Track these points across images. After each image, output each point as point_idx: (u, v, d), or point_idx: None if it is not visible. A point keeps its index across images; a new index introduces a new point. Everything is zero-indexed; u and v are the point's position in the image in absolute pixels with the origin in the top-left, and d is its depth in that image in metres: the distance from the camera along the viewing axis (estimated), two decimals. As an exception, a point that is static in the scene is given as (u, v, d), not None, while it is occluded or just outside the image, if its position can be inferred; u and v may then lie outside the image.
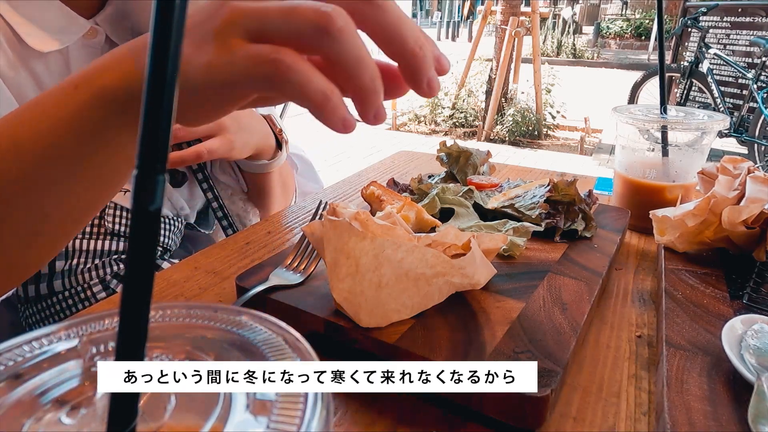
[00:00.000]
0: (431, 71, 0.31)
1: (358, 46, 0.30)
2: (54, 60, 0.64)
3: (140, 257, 0.17)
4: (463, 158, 0.75)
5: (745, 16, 4.52)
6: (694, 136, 0.72)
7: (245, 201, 0.82)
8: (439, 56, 0.32)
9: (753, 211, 0.53)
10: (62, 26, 0.62)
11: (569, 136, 5.20)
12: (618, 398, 0.41)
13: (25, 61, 0.61)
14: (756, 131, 3.97)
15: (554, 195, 0.63)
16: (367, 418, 0.38)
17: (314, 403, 0.19)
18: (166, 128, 0.17)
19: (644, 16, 13.99)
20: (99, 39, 0.67)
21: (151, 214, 0.17)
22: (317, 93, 0.30)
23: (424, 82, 0.31)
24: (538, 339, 0.41)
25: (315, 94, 0.30)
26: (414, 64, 0.31)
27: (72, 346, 0.22)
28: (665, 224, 0.58)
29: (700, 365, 0.40)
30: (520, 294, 0.48)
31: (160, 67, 0.17)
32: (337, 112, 0.30)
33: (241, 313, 0.24)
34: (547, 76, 5.37)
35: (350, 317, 0.42)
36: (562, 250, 0.57)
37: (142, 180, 0.17)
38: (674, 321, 0.45)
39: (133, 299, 0.17)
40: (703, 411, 0.35)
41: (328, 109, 0.30)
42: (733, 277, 0.53)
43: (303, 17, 0.29)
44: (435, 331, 0.42)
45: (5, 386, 0.20)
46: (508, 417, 0.36)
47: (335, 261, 0.42)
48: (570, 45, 11.33)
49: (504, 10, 5.10)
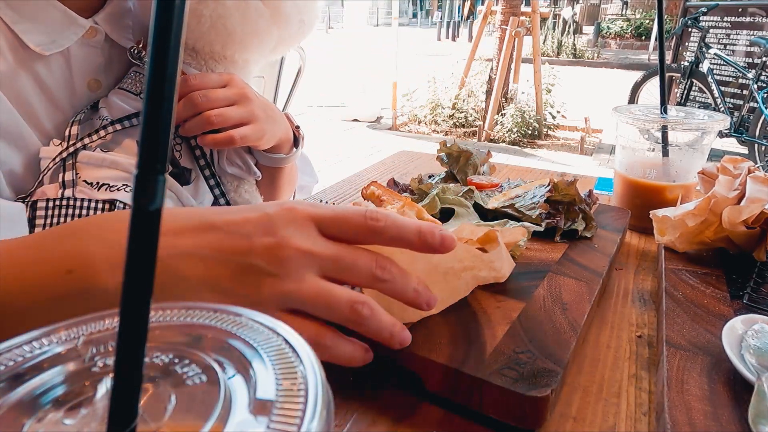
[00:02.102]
0: (426, 301, 0.39)
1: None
2: (55, 61, 0.64)
3: (140, 257, 0.17)
4: (464, 158, 0.75)
5: (745, 16, 4.52)
6: (695, 136, 0.72)
7: (251, 193, 0.82)
8: (440, 240, 0.38)
9: (753, 211, 0.52)
10: (62, 26, 0.62)
11: (569, 136, 5.20)
12: (618, 398, 0.41)
13: (26, 63, 0.61)
14: (756, 131, 3.97)
15: (554, 195, 0.63)
16: (367, 418, 0.38)
17: (314, 403, 0.19)
18: (165, 128, 0.17)
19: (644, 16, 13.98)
20: (99, 38, 0.67)
21: (152, 214, 0.17)
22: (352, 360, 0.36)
23: (424, 306, 0.39)
24: (539, 339, 0.41)
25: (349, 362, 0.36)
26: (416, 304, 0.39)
27: (72, 346, 0.22)
28: (665, 224, 0.58)
29: (700, 365, 0.40)
30: (521, 294, 0.48)
31: (160, 67, 0.17)
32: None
33: (241, 313, 0.24)
34: (547, 76, 5.37)
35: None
36: (562, 250, 0.57)
37: (142, 180, 0.17)
38: (674, 321, 0.45)
39: (133, 299, 0.17)
40: (703, 411, 0.35)
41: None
42: (734, 277, 0.53)
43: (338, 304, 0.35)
44: (435, 331, 0.42)
45: (5, 386, 0.20)
46: (508, 417, 0.36)
47: None
48: (570, 45, 11.33)
49: (504, 10, 5.09)
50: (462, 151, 0.75)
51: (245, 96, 0.67)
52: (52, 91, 0.64)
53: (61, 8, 0.62)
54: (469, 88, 5.54)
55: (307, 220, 0.37)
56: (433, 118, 5.51)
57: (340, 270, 0.36)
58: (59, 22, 0.62)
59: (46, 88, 0.64)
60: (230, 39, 0.68)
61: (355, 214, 0.37)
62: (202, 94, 0.63)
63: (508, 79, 5.23)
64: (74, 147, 0.62)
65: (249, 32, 0.68)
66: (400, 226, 0.37)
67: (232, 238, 0.35)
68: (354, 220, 0.37)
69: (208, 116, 0.63)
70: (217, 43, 0.69)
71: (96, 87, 0.69)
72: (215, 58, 0.71)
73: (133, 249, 0.17)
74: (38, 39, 0.61)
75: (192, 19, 0.66)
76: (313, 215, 0.37)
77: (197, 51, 0.70)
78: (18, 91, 0.61)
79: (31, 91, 0.62)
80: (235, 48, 0.70)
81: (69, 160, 0.62)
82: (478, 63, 5.71)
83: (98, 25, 0.66)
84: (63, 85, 0.65)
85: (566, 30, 11.62)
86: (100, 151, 0.63)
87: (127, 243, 0.17)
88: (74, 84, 0.66)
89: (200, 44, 0.69)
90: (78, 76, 0.66)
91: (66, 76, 0.65)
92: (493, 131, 5.07)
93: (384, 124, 5.65)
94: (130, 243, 0.17)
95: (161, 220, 0.17)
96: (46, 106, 0.64)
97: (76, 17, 0.63)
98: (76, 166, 0.62)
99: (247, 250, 0.34)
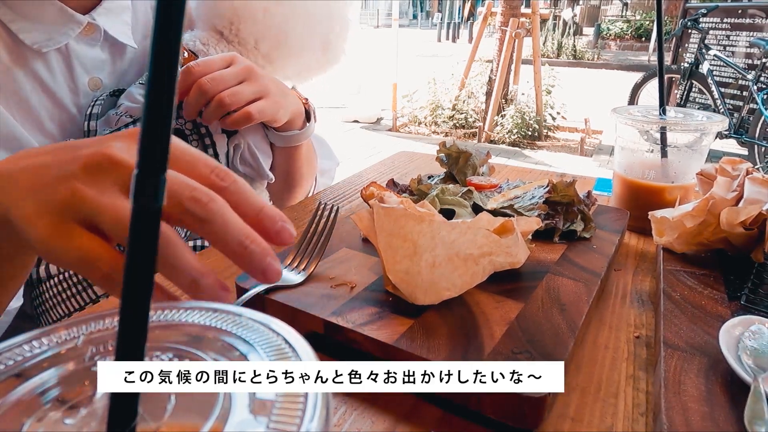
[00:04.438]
0: (264, 262, 0.31)
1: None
2: (55, 59, 0.64)
3: (140, 257, 0.17)
4: (463, 159, 0.75)
5: (745, 18, 4.52)
6: (693, 137, 0.72)
7: (261, 192, 0.82)
8: (278, 230, 0.32)
9: (751, 213, 0.53)
10: (59, 23, 0.62)
11: (569, 137, 5.20)
12: (616, 399, 0.41)
13: (24, 62, 0.61)
14: (756, 132, 3.97)
15: (553, 196, 0.63)
16: (367, 418, 0.38)
17: (314, 403, 0.19)
18: (166, 128, 0.17)
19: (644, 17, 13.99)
20: (97, 35, 0.67)
21: (152, 214, 0.17)
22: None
23: (259, 273, 0.32)
24: (537, 339, 0.41)
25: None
26: (242, 261, 0.32)
27: (72, 345, 0.22)
28: (664, 225, 0.59)
29: (697, 366, 0.40)
30: (519, 294, 0.48)
31: (160, 67, 0.17)
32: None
33: (241, 313, 0.24)
34: (547, 78, 5.37)
35: (405, 297, 0.45)
36: (560, 251, 0.58)
37: (143, 180, 0.17)
38: (672, 322, 0.46)
39: (133, 299, 0.17)
40: (700, 412, 0.35)
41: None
42: (731, 279, 0.53)
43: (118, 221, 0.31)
44: (434, 332, 0.42)
45: (5, 386, 0.20)
46: (507, 417, 0.36)
47: (389, 245, 0.45)
48: (570, 46, 11.33)
49: (504, 11, 5.10)
50: (461, 152, 0.75)
51: (252, 71, 0.66)
52: (53, 90, 0.65)
53: (58, 5, 0.62)
54: (469, 89, 5.54)
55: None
56: (433, 120, 5.51)
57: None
58: (56, 19, 0.62)
59: (45, 86, 0.64)
60: (283, 43, 0.71)
61: (204, 161, 0.33)
62: (209, 79, 0.62)
63: (508, 81, 5.23)
64: None
65: (298, 45, 0.73)
66: (244, 193, 0.32)
67: (67, 151, 0.34)
68: (200, 166, 0.32)
69: (221, 98, 0.62)
70: (269, 43, 0.71)
71: (97, 85, 0.69)
72: (252, 53, 0.74)
73: (133, 249, 0.17)
74: (35, 36, 0.61)
75: (259, 12, 0.70)
76: None
77: (243, 43, 0.73)
78: (16, 90, 0.61)
79: (29, 89, 0.62)
80: (279, 53, 0.73)
81: None
82: (478, 64, 5.71)
83: (95, 21, 0.66)
84: (64, 84, 0.66)
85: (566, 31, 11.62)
86: None
87: (128, 243, 0.17)
88: (75, 82, 0.67)
89: (256, 41, 0.73)
90: (78, 74, 0.67)
91: (66, 74, 0.66)
92: (493, 132, 5.07)
93: (384, 125, 5.65)
94: (131, 243, 0.17)
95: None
96: (47, 106, 0.64)
97: (72, 14, 0.63)
98: None
99: (72, 159, 0.32)
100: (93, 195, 0.31)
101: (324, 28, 0.78)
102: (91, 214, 0.31)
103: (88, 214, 0.31)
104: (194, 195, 0.30)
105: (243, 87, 0.64)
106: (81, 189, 0.31)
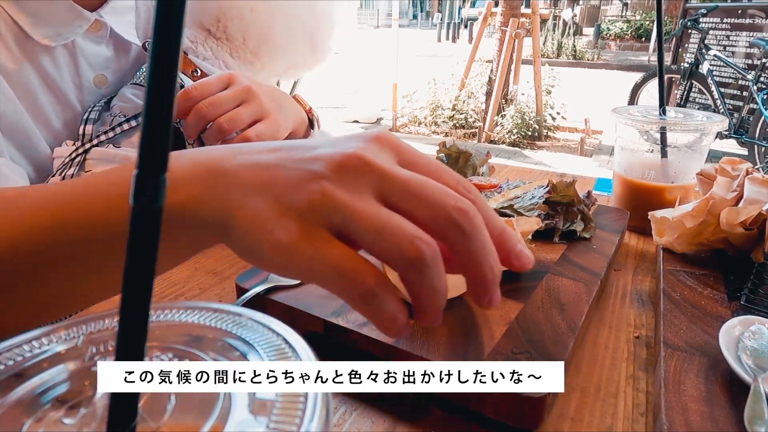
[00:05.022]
0: (495, 291, 0.29)
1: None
2: (61, 55, 0.65)
3: (140, 257, 0.17)
4: (463, 159, 0.75)
5: (745, 18, 4.52)
6: (693, 138, 0.72)
7: None
8: (518, 253, 0.30)
9: (751, 213, 0.53)
10: (67, 19, 0.63)
11: (569, 137, 5.20)
12: (616, 399, 0.41)
13: (32, 56, 0.62)
14: (756, 132, 3.97)
15: (553, 196, 0.63)
16: (367, 418, 0.38)
17: (314, 403, 0.19)
18: (166, 128, 0.17)
19: (644, 17, 13.99)
20: (104, 32, 0.68)
21: (152, 214, 0.17)
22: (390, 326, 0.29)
23: (485, 301, 0.29)
24: (536, 339, 0.41)
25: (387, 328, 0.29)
26: (480, 288, 0.29)
27: (72, 345, 0.22)
28: (664, 225, 0.59)
29: (697, 366, 0.40)
30: (519, 294, 0.48)
31: (160, 67, 0.17)
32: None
33: (241, 313, 0.24)
34: (547, 78, 5.37)
35: (405, 297, 0.44)
36: (560, 251, 0.58)
37: (143, 180, 0.17)
38: (672, 322, 0.46)
39: (133, 299, 0.17)
40: (700, 412, 0.35)
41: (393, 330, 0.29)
42: (731, 279, 0.53)
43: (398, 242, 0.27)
44: (434, 332, 0.42)
45: (5, 386, 0.20)
46: (507, 417, 0.37)
47: None
48: (570, 46, 11.32)
49: (504, 11, 5.10)
50: (461, 152, 0.75)
51: (250, 92, 0.65)
52: (59, 85, 0.65)
53: (66, 2, 0.62)
54: (469, 90, 5.53)
55: (392, 146, 0.31)
56: (433, 120, 5.51)
57: (409, 199, 0.28)
58: (64, 15, 0.62)
59: (52, 82, 0.64)
60: (269, 41, 0.71)
61: (448, 172, 0.30)
62: (206, 103, 0.61)
63: (508, 81, 5.23)
64: (90, 144, 0.63)
65: (284, 43, 0.74)
66: (488, 210, 0.30)
67: (298, 150, 0.31)
68: (446, 176, 0.30)
69: (219, 124, 0.61)
70: (256, 40, 0.72)
71: (102, 83, 0.70)
72: (240, 49, 0.75)
73: (133, 249, 0.17)
74: (44, 31, 0.61)
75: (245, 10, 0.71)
76: (399, 146, 0.31)
77: (231, 39, 0.73)
78: (24, 85, 0.61)
79: (37, 85, 0.63)
80: (267, 49, 0.74)
81: (77, 158, 0.62)
82: (478, 64, 5.71)
83: (103, 19, 0.66)
84: (69, 80, 0.66)
85: (566, 31, 11.62)
86: (113, 147, 0.64)
87: (128, 243, 0.17)
88: (81, 79, 0.67)
89: (244, 38, 0.73)
90: (84, 71, 0.67)
91: (72, 70, 0.66)
92: (493, 132, 5.07)
93: (384, 126, 5.65)
94: (130, 243, 0.17)
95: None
96: (53, 102, 0.65)
97: (81, 10, 0.63)
98: (88, 163, 0.62)
99: (312, 158, 0.30)
100: (347, 198, 0.27)
101: (309, 26, 0.79)
102: (343, 220, 0.27)
103: (340, 219, 0.27)
104: (459, 205, 0.27)
105: (241, 110, 0.63)
106: (333, 191, 0.27)
